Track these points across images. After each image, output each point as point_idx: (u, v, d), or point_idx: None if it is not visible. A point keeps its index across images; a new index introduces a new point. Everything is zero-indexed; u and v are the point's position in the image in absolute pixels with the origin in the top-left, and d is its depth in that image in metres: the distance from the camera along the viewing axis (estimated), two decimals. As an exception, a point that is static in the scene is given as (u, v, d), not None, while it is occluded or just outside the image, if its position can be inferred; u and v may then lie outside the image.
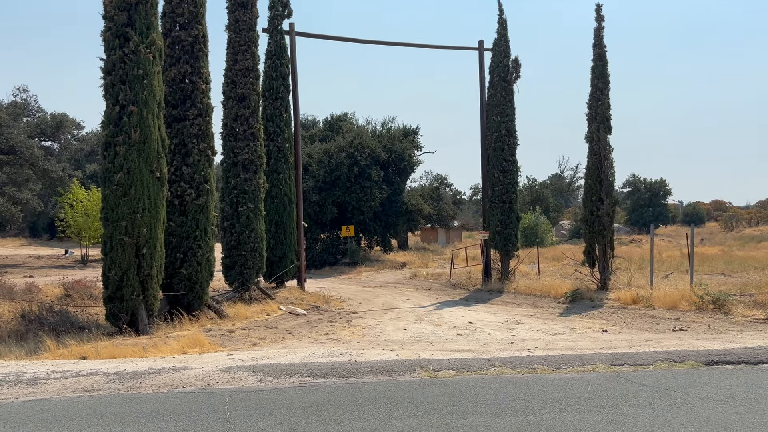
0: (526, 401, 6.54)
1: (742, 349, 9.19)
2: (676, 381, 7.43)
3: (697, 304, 14.68)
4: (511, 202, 21.53)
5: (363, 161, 33.50)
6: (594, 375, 7.80)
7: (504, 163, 21.39)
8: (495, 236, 21.53)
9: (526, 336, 11.72)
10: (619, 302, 16.17)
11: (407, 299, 19.19)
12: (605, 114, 18.49)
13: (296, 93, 20.32)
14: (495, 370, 8.06)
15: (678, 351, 9.11)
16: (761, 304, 14.45)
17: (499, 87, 21.31)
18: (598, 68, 18.67)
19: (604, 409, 6.25)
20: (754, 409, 6.23)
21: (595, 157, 18.46)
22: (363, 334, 12.62)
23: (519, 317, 14.77)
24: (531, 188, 64.04)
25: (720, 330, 11.90)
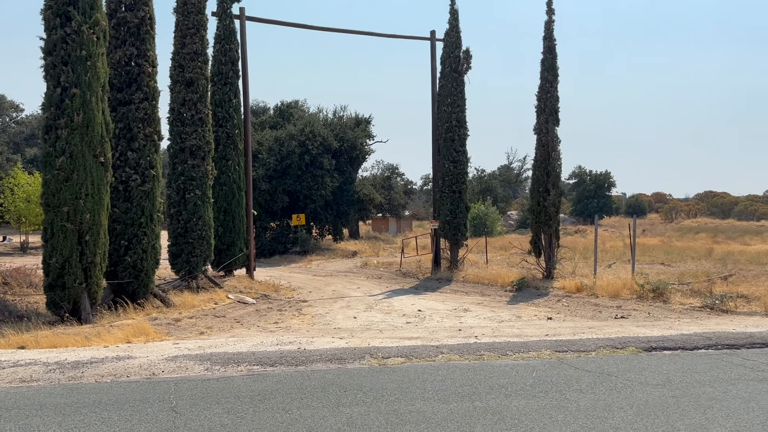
0: (472, 387, 6.65)
1: (679, 336, 9.54)
2: (617, 366, 7.67)
3: (638, 292, 15.17)
4: (460, 192, 21.75)
5: (314, 150, 33.29)
6: (539, 361, 7.98)
7: (454, 154, 21.58)
8: (445, 226, 21.73)
9: (473, 323, 11.90)
10: (563, 291, 16.56)
11: (358, 288, 19.22)
12: (554, 106, 18.84)
13: (246, 78, 20.01)
14: (443, 357, 8.16)
15: (619, 338, 9.41)
16: (697, 293, 15.04)
17: (450, 78, 21.45)
18: (548, 61, 18.98)
19: (549, 394, 6.41)
20: (689, 392, 6.49)
21: (543, 149, 18.81)
22: (313, 322, 12.59)
23: (467, 305, 14.98)
24: (480, 179, 64.85)
25: (659, 317, 12.33)
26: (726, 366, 7.74)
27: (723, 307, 13.15)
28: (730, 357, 8.29)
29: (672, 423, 5.47)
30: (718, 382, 6.93)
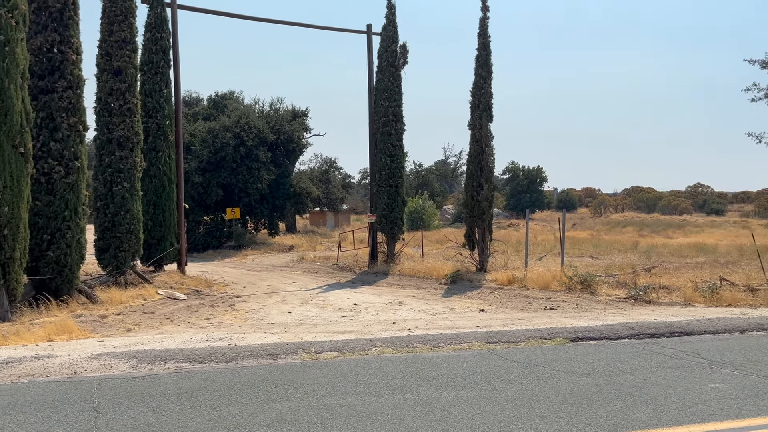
0: (404, 380, 6.69)
1: (604, 326, 9.88)
2: (545, 357, 7.87)
3: (567, 284, 15.61)
4: (397, 186, 21.84)
5: (250, 142, 32.73)
6: (470, 353, 8.10)
7: (391, 148, 21.64)
8: (382, 219, 21.79)
9: (408, 316, 11.98)
10: (496, 283, 16.89)
11: (293, 282, 19.05)
12: (488, 102, 19.14)
13: (178, 68, 19.46)
14: (376, 350, 8.18)
15: (547, 329, 9.66)
16: (623, 284, 15.61)
17: (387, 72, 21.47)
18: (482, 57, 19.25)
19: (478, 385, 6.51)
20: (612, 380, 6.71)
21: (477, 144, 19.08)
22: (246, 318, 12.39)
23: (402, 298, 15.07)
24: (418, 173, 65.35)
25: (586, 308, 12.73)
26: (647, 354, 8.05)
27: (646, 297, 13.68)
28: (651, 346, 8.64)
29: (595, 411, 5.64)
30: (639, 370, 7.20)
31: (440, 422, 5.33)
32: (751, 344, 8.82)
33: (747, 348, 8.50)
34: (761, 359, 7.78)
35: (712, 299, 13.24)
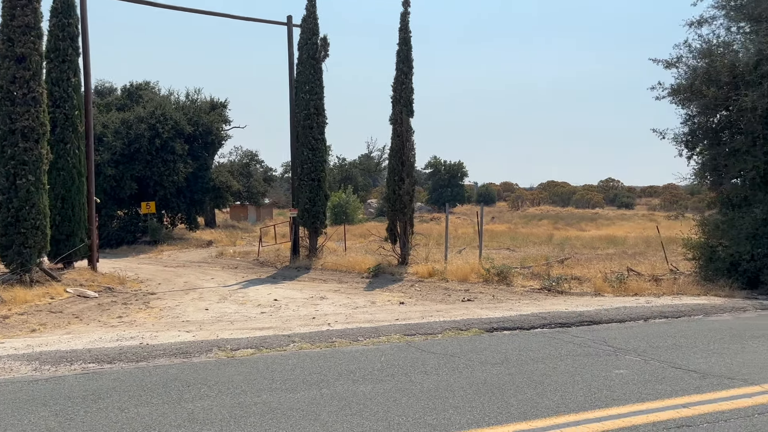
0: (321, 375, 6.66)
1: (518, 316, 10.17)
2: (461, 348, 8.02)
3: (484, 276, 15.99)
4: (320, 180, 21.70)
5: (166, 134, 31.71)
6: (388, 346, 8.16)
7: (313, 141, 21.47)
8: (304, 214, 21.61)
9: (328, 311, 11.94)
10: (417, 276, 17.09)
11: (212, 278, 18.63)
12: (408, 97, 19.29)
13: (87, 56, 18.58)
14: (294, 346, 8.11)
15: (464, 320, 9.85)
16: (537, 276, 16.13)
17: (308, 64, 21.27)
18: (403, 52, 19.38)
19: (395, 377, 6.57)
20: (524, 369, 6.92)
21: (398, 139, 19.22)
22: (160, 315, 12.02)
23: (324, 293, 15.01)
24: (341, 167, 65.31)
25: (502, 300, 13.07)
26: (557, 343, 8.35)
27: (559, 288, 14.19)
28: (562, 335, 8.96)
29: (506, 399, 5.80)
30: (550, 358, 7.46)
31: (356, 416, 5.34)
32: (654, 331, 9.31)
33: (650, 335, 8.96)
34: (662, 345, 8.22)
35: (620, 289, 13.87)
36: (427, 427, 5.08)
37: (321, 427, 5.09)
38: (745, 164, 14.40)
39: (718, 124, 15.46)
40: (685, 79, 15.40)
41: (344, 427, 5.07)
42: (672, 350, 7.92)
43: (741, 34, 15.08)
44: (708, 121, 15.52)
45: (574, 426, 5.09)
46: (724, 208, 15.31)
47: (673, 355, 7.61)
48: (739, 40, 15.03)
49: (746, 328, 9.61)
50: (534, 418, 5.27)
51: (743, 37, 14.97)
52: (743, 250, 13.99)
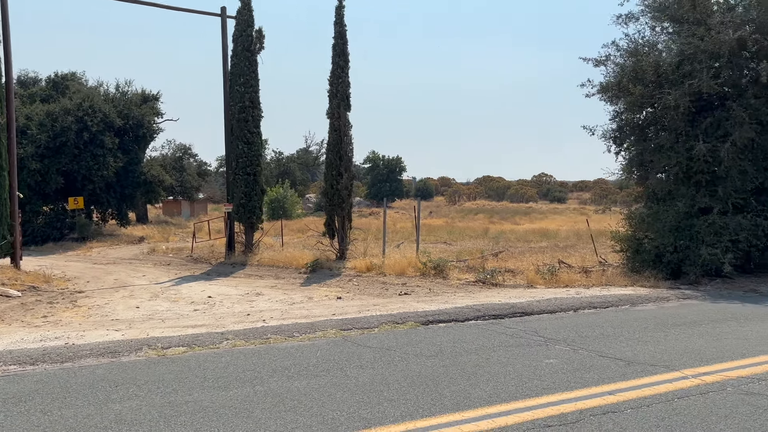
0: (255, 372, 6.57)
1: (453, 309, 10.31)
2: (397, 341, 8.07)
3: (421, 270, 16.13)
4: (255, 174, 21.39)
5: (94, 126, 30.55)
6: (324, 341, 8.12)
7: (248, 135, 21.13)
8: (239, 209, 21.26)
9: (264, 307, 11.79)
10: (355, 271, 17.08)
11: (143, 276, 18.10)
12: (345, 92, 19.22)
13: (8, 44, 17.68)
14: (228, 343, 7.97)
15: (400, 313, 9.91)
16: (473, 269, 16.38)
17: (242, 57, 20.90)
18: (339, 46, 19.29)
19: (330, 372, 6.54)
20: (458, 361, 7.02)
21: (336, 133, 19.14)
22: (88, 314, 11.58)
23: (260, 289, 14.82)
24: (279, 161, 64.60)
25: (438, 293, 13.21)
26: (491, 335, 8.50)
27: (493, 281, 14.45)
28: (495, 326, 9.13)
29: (440, 391, 5.86)
30: (483, 349, 7.59)
31: (290, 412, 5.29)
32: (583, 322, 9.60)
33: (579, 325, 9.24)
34: (590, 335, 8.49)
35: (552, 281, 14.25)
36: (361, 420, 5.08)
37: (254, 424, 5.02)
38: (669, 160, 15.01)
39: (644, 121, 16.05)
40: (613, 77, 15.92)
41: (277, 424, 5.01)
42: (600, 339, 8.19)
43: (665, 35, 15.71)
44: (635, 118, 16.10)
45: (505, 415, 5.20)
46: (650, 202, 15.93)
47: (600, 345, 7.87)
48: (663, 40, 15.66)
49: (669, 317, 10.04)
50: (466, 409, 5.35)
51: (666, 37, 15.60)
52: (667, 242, 14.59)
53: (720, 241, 14.02)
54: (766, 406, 5.46)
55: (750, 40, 13.97)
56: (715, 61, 14.26)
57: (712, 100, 14.83)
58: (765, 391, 5.91)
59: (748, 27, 13.90)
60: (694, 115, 14.74)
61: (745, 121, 13.91)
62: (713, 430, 4.90)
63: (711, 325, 9.27)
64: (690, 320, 9.73)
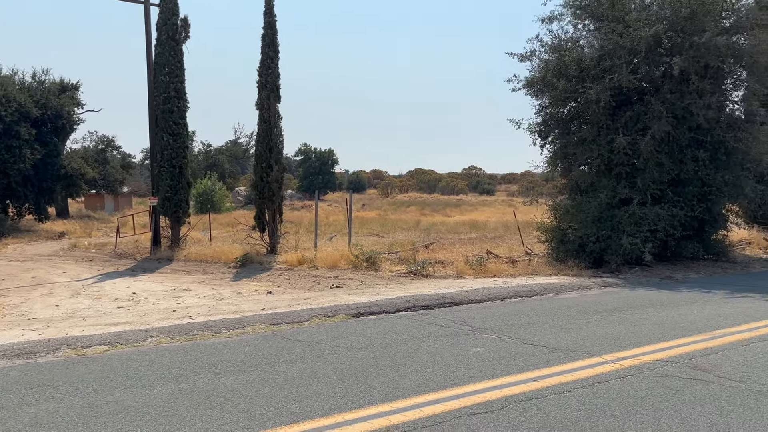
0: (181, 369, 6.41)
1: (384, 301, 10.35)
2: (327, 334, 8.03)
3: (353, 263, 16.12)
4: (181, 167, 20.82)
5: (9, 117, 28.99)
6: (253, 336, 8.00)
7: (174, 126, 20.53)
8: (165, 202, 20.66)
9: (191, 303, 11.51)
10: (286, 264, 16.91)
11: (64, 273, 17.34)
12: (275, 82, 18.96)
13: None
14: (152, 340, 7.74)
15: (331, 306, 9.88)
16: (404, 260, 16.50)
17: (167, 46, 20.26)
18: (269, 36, 18.99)
19: (258, 367, 6.45)
20: (388, 352, 7.05)
21: (266, 125, 18.86)
22: (3, 314, 10.99)
23: (187, 285, 14.46)
24: (207, 153, 63.16)
25: (370, 285, 13.24)
26: (420, 325, 8.59)
27: (424, 272, 14.60)
28: (425, 317, 9.23)
29: (370, 382, 5.88)
30: (413, 340, 7.66)
31: (216, 409, 5.18)
32: (509, 310, 9.84)
33: (505, 314, 9.46)
34: (516, 323, 8.70)
35: (480, 271, 14.52)
36: (290, 415, 5.03)
37: (178, 422, 4.89)
38: (591, 152, 15.54)
39: (567, 115, 16.56)
40: (538, 72, 16.33)
41: (203, 421, 4.90)
42: (525, 327, 8.41)
43: (586, 31, 16.22)
44: (559, 112, 16.58)
45: (433, 404, 5.26)
46: (574, 194, 16.46)
47: (526, 332, 8.08)
48: (585, 36, 16.17)
49: (591, 305, 10.41)
50: (395, 399, 5.38)
51: (588, 33, 16.11)
52: (590, 232, 15.12)
53: (640, 231, 14.64)
54: (678, 387, 5.73)
55: (665, 36, 14.60)
56: (633, 56, 14.84)
57: (632, 94, 15.44)
58: (678, 373, 6.21)
59: (662, 24, 14.52)
60: (614, 109, 15.30)
61: (663, 115, 14.56)
62: (630, 412, 5.11)
63: (630, 312, 9.68)
64: (611, 307, 10.12)
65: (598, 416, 5.00)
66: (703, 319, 9.07)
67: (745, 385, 5.80)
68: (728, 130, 15.22)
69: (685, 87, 14.81)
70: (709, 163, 15.19)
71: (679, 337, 7.79)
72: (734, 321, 8.87)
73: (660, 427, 4.77)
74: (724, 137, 15.10)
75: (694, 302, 10.63)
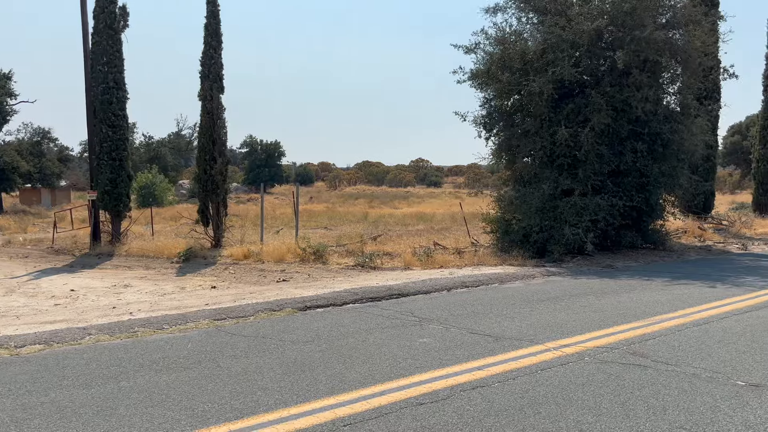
0: (121, 367, 6.22)
1: (331, 293, 10.30)
2: (273, 328, 7.93)
3: (301, 256, 15.98)
4: (122, 159, 20.20)
5: (-65, 107, 27.65)
6: (196, 332, 7.84)
7: (113, 118, 19.89)
8: (105, 196, 20.02)
9: (132, 299, 11.19)
10: (231, 258, 16.65)
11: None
12: (218, 73, 18.59)
13: None
14: (90, 338, 7.49)
15: (277, 300, 9.76)
16: (352, 253, 16.46)
17: (105, 35, 19.59)
18: (212, 26, 18.58)
19: (202, 364, 6.31)
20: (334, 345, 7.01)
21: (209, 116, 18.48)
22: (-71, 314, 10.46)
23: (129, 280, 14.06)
24: (149, 146, 61.55)
25: (317, 278, 13.15)
26: (368, 317, 8.58)
27: (372, 264, 14.60)
28: (372, 309, 9.23)
29: (315, 375, 5.83)
30: (360, 332, 7.64)
31: (157, 407, 5.04)
32: (455, 300, 9.93)
33: (451, 304, 9.54)
34: (461, 313, 8.79)
35: (428, 263, 14.61)
36: (233, 411, 4.94)
37: (117, 422, 4.74)
38: (534, 144, 15.82)
39: (512, 108, 16.79)
40: (482, 64, 16.50)
41: (143, 420, 4.76)
42: (471, 317, 8.50)
43: (530, 24, 16.47)
44: (503, 105, 16.80)
45: (379, 396, 5.25)
46: (518, 185, 16.73)
47: (471, 322, 8.16)
48: (529, 29, 16.42)
49: (535, 293, 10.61)
50: (342, 392, 5.35)
51: (532, 27, 16.36)
52: (533, 222, 15.40)
53: (581, 221, 14.99)
54: (618, 373, 5.89)
55: (606, 30, 14.97)
56: (575, 50, 15.15)
57: (573, 87, 15.76)
58: (618, 359, 6.38)
59: (603, 19, 14.88)
60: (557, 101, 15.59)
61: (603, 107, 14.92)
62: (572, 398, 5.22)
63: (572, 300, 9.90)
64: (553, 296, 10.33)
65: (541, 403, 5.09)
66: (641, 306, 9.35)
67: (680, 369, 6.01)
68: (665, 123, 15.73)
69: (625, 80, 15.22)
70: (647, 155, 15.67)
71: (619, 324, 8.00)
72: (671, 307, 9.18)
73: (600, 412, 4.89)
74: (661, 129, 15.59)
75: (633, 290, 10.96)
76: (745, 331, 7.59)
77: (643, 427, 4.59)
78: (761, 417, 4.80)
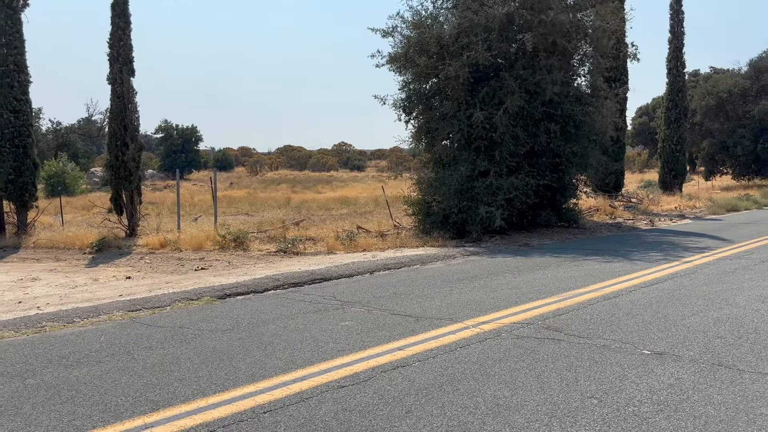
0: (27, 364, 5.91)
1: (252, 281, 10.15)
2: (190, 318, 7.74)
3: (220, 243, 15.65)
4: (26, 146, 19.10)
5: None
6: (110, 324, 7.55)
7: (15, 103, 18.75)
8: (8, 186, 18.90)
9: (40, 293, 10.65)
10: (147, 248, 16.11)
11: None
12: (128, 55, 17.83)
13: None
14: (-7, 336, 7.08)
15: (195, 289, 9.54)
16: (274, 239, 16.27)
17: (2, 14, 18.38)
18: (119, 6, 17.76)
19: (115, 357, 6.09)
20: (255, 332, 6.92)
21: (119, 101, 17.73)
22: None
23: (37, 273, 13.38)
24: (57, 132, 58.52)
25: (237, 265, 12.93)
26: (290, 303, 8.51)
27: (294, 250, 14.48)
28: (295, 294, 9.16)
29: (235, 364, 5.74)
30: (281, 318, 7.57)
31: (67, 404, 4.83)
32: (378, 283, 9.99)
33: (374, 287, 9.60)
34: (383, 295, 8.86)
35: (351, 246, 14.63)
36: (149, 404, 4.79)
37: (22, 421, 4.51)
38: (452, 127, 16.05)
39: (430, 91, 16.95)
40: (400, 48, 16.56)
41: (51, 418, 4.55)
42: (392, 299, 8.58)
43: (445, 9, 16.64)
44: (422, 88, 16.94)
45: (300, 381, 5.22)
46: (437, 168, 16.96)
47: (393, 303, 8.24)
48: (444, 13, 16.58)
49: (454, 273, 10.82)
50: (262, 379, 5.29)
51: (446, 11, 16.53)
52: (452, 204, 15.67)
53: (495, 200, 15.37)
54: (533, 348, 6.10)
55: (517, 14, 15.30)
56: (488, 34, 15.42)
57: (488, 71, 16.06)
58: (533, 334, 6.61)
59: (514, 2, 15.20)
60: (472, 85, 15.86)
61: (516, 90, 15.29)
62: (490, 373, 5.36)
63: (490, 278, 10.16)
64: (472, 275, 10.57)
65: (460, 379, 5.21)
66: (555, 282, 9.71)
67: (592, 341, 6.28)
68: (576, 104, 16.30)
69: (537, 63, 15.65)
70: (560, 136, 16.21)
71: (534, 300, 8.28)
72: (583, 282, 9.58)
73: (517, 386, 5.05)
74: (573, 111, 16.15)
75: (548, 267, 11.36)
76: (650, 303, 8.02)
77: (557, 398, 4.78)
78: (664, 383, 5.09)
